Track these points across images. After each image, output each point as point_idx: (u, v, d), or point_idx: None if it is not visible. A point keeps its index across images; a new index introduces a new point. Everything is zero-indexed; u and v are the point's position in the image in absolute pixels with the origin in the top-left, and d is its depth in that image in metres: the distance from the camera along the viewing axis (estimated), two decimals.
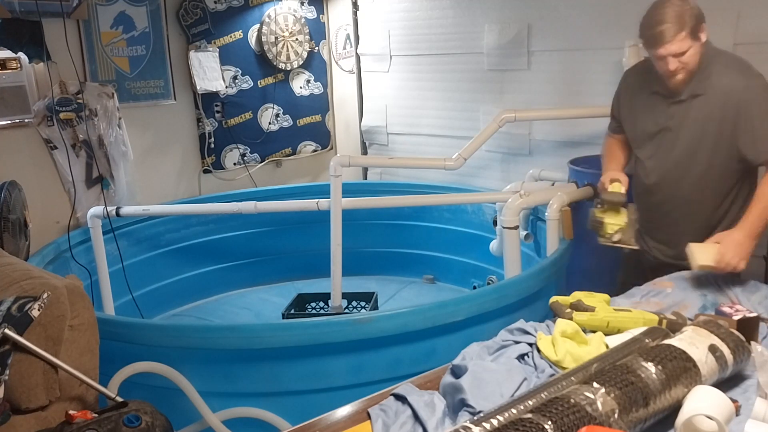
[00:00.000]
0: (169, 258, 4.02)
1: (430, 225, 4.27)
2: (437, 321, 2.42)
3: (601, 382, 1.26)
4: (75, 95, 3.48)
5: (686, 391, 1.33)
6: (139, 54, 3.87)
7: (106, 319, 2.52)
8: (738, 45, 2.92)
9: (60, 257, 3.36)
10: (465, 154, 3.46)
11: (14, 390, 1.74)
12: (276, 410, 2.34)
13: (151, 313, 3.79)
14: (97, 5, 3.65)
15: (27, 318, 1.77)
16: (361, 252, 4.19)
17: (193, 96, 4.18)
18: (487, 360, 1.63)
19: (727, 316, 1.66)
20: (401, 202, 4.06)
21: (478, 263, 4.00)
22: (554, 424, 1.14)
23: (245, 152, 4.47)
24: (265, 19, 4.37)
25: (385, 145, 4.70)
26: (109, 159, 3.64)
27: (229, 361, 2.39)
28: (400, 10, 4.36)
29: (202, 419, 2.25)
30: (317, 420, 1.48)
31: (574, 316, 1.75)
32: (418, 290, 4.18)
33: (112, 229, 3.45)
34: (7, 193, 2.88)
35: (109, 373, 2.10)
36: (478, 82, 4.00)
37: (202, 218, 4.13)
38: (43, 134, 3.47)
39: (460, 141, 3.66)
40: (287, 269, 4.36)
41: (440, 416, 1.43)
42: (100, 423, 1.66)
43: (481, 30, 3.91)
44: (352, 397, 1.57)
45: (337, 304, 3.39)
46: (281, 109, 4.59)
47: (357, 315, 2.91)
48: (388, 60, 4.52)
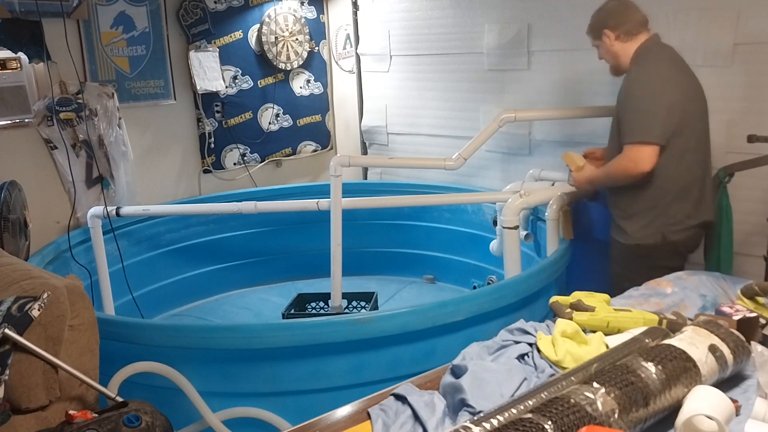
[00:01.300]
0: (169, 258, 4.02)
1: (430, 225, 4.27)
2: (437, 321, 2.42)
3: (601, 382, 1.26)
4: (75, 95, 3.48)
5: (686, 391, 1.33)
6: (139, 54, 3.87)
7: (106, 319, 2.52)
8: (738, 45, 2.92)
9: (60, 257, 3.36)
10: (465, 154, 3.46)
11: (14, 390, 1.74)
12: (276, 410, 2.34)
13: (151, 313, 3.79)
14: (97, 5, 3.65)
15: (27, 318, 1.77)
16: (361, 252, 4.19)
17: (193, 96, 4.18)
18: (487, 360, 1.63)
19: (727, 316, 1.66)
20: (401, 202, 4.06)
21: (478, 263, 4.00)
22: (554, 424, 1.14)
23: (245, 152, 4.47)
24: (265, 19, 4.37)
25: (385, 145, 4.70)
26: (109, 159, 3.64)
27: (229, 361, 2.39)
28: (400, 10, 4.36)
29: (202, 419, 2.25)
30: (317, 420, 1.48)
31: (574, 316, 1.75)
32: (418, 290, 4.18)
33: (112, 229, 3.45)
34: (7, 193, 2.88)
35: (109, 373, 2.10)
36: (478, 82, 4.00)
37: (202, 218, 4.13)
38: (43, 134, 3.47)
39: (460, 141, 3.66)
40: (287, 269, 4.36)
41: (440, 416, 1.43)
42: (100, 423, 1.66)
43: (481, 30, 3.91)
44: (352, 397, 1.57)
45: (337, 304, 3.39)
46: (281, 109, 4.59)
47: (357, 315, 2.91)
48: (388, 60, 4.52)
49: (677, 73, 2.56)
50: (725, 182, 2.69)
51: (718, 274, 2.26)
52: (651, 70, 2.51)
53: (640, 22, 2.58)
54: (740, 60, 2.95)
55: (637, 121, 2.47)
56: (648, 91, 2.49)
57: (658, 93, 2.47)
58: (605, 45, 2.66)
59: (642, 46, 2.57)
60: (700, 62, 3.06)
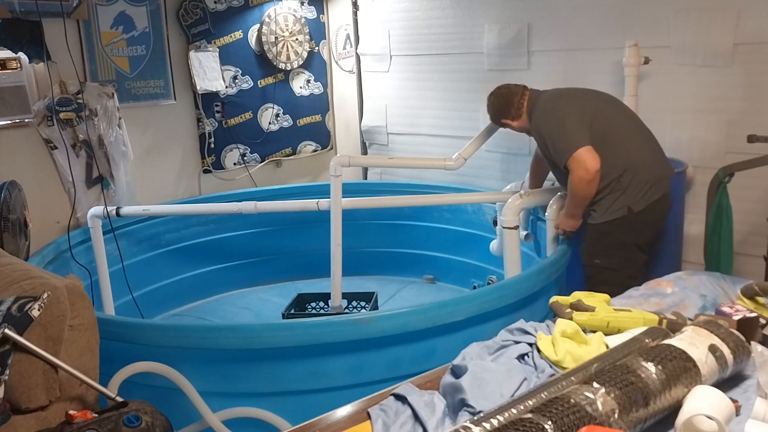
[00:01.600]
0: (169, 258, 4.02)
1: (430, 225, 4.27)
2: (437, 321, 2.42)
3: (601, 382, 1.26)
4: (75, 95, 3.48)
5: (686, 391, 1.33)
6: (139, 54, 3.87)
7: (106, 319, 2.52)
8: (738, 45, 2.93)
9: (60, 257, 3.36)
10: (465, 154, 3.46)
11: (14, 390, 1.74)
12: (276, 410, 2.34)
13: (151, 313, 3.79)
14: (97, 5, 3.65)
15: (27, 318, 1.77)
16: (361, 252, 4.19)
17: (193, 96, 4.18)
18: (487, 360, 1.63)
19: (727, 316, 1.66)
20: (401, 202, 4.06)
21: (478, 263, 4.00)
22: (554, 424, 1.14)
23: (245, 152, 4.47)
24: (265, 19, 4.37)
25: (385, 145, 4.70)
26: (109, 159, 3.64)
27: (229, 361, 2.39)
28: (400, 10, 4.36)
29: (202, 419, 2.25)
30: (317, 420, 1.48)
31: (574, 316, 1.75)
32: (418, 290, 4.18)
33: (112, 229, 3.45)
34: (7, 193, 2.88)
35: (109, 373, 2.10)
36: (478, 82, 4.00)
37: (202, 218, 4.13)
38: (43, 134, 3.47)
39: (460, 141, 3.66)
40: (287, 269, 4.36)
41: (440, 416, 1.43)
42: (100, 423, 1.65)
43: (481, 30, 3.91)
44: (352, 397, 1.57)
45: (337, 304, 3.39)
46: (281, 109, 4.59)
47: (357, 315, 2.91)
48: (388, 60, 4.52)
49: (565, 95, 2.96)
50: (725, 182, 2.69)
51: (718, 274, 2.26)
52: (544, 108, 2.92)
53: (518, 97, 3.01)
54: (740, 60, 2.95)
55: (560, 142, 2.80)
56: (552, 119, 2.85)
57: (560, 114, 2.84)
58: (510, 128, 3.13)
59: (528, 104, 3.00)
60: (700, 62, 3.07)
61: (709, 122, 3.10)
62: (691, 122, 3.18)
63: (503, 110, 3.07)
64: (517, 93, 3.02)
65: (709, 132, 3.11)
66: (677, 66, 3.17)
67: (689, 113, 3.18)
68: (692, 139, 3.18)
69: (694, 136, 3.17)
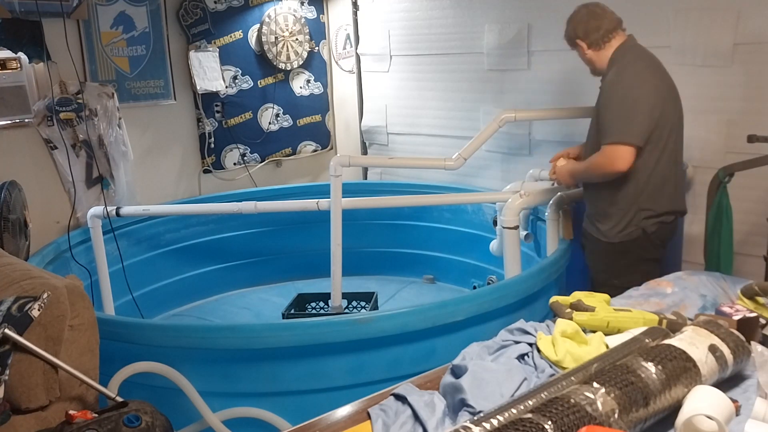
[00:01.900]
0: (169, 258, 4.02)
1: (430, 225, 4.27)
2: (437, 321, 2.42)
3: (601, 382, 1.26)
4: (75, 95, 3.48)
5: (686, 391, 1.33)
6: (139, 54, 3.87)
7: (106, 319, 2.52)
8: (738, 45, 2.93)
9: (60, 257, 3.36)
10: (465, 154, 3.46)
11: (14, 390, 1.74)
12: (276, 410, 2.34)
13: (151, 313, 3.79)
14: (97, 5, 3.65)
15: (27, 318, 1.77)
16: (361, 252, 4.20)
17: (193, 96, 4.18)
18: (487, 360, 1.62)
19: (727, 316, 1.66)
20: (401, 202, 4.06)
21: (478, 263, 4.00)
22: (554, 424, 1.14)
23: (245, 152, 4.47)
24: (265, 19, 4.37)
25: (385, 145, 4.70)
26: (109, 159, 3.64)
27: (229, 361, 2.39)
28: (400, 10, 4.36)
29: (202, 419, 2.25)
30: (317, 420, 1.48)
31: (574, 316, 1.75)
32: (418, 290, 4.18)
33: (112, 229, 3.45)
34: (7, 193, 2.88)
35: (109, 373, 2.10)
36: (478, 82, 4.00)
37: (202, 218, 4.13)
38: (43, 134, 3.47)
39: (460, 141, 3.66)
40: (287, 269, 4.36)
41: (440, 416, 1.43)
42: (100, 423, 1.65)
43: (481, 30, 3.91)
44: (352, 397, 1.57)
45: (337, 304, 3.39)
46: (281, 109, 4.59)
47: (357, 315, 2.91)
48: (388, 60, 4.52)
49: (653, 75, 2.59)
50: (725, 182, 2.69)
51: (718, 274, 2.26)
52: (628, 73, 2.56)
53: (610, 29, 2.62)
54: (740, 60, 2.95)
55: (615, 123, 2.52)
56: (626, 94, 2.53)
57: (636, 95, 2.51)
58: (580, 53, 2.76)
59: (617, 50, 2.62)
60: (700, 62, 3.07)
61: (709, 122, 3.10)
62: (691, 122, 3.17)
63: (588, 30, 2.65)
64: (613, 23, 2.63)
65: (709, 132, 3.11)
66: (677, 66, 3.16)
67: (689, 113, 3.17)
68: (692, 139, 3.18)
69: (694, 136, 3.17)
